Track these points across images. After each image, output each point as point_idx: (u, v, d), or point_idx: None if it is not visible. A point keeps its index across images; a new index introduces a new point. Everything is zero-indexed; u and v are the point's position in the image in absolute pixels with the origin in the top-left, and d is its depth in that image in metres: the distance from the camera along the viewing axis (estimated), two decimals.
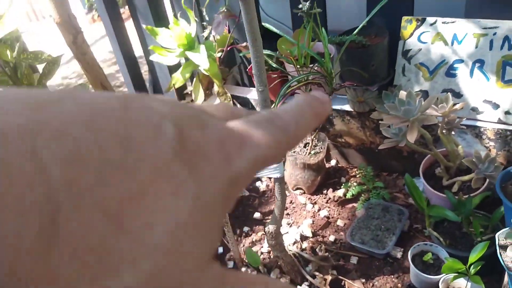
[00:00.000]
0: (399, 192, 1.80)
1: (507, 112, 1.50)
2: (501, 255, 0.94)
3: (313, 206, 1.82)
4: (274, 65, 1.68)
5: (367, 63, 1.59)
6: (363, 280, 1.48)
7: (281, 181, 1.22)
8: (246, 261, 1.55)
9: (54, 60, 1.35)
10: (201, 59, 1.84)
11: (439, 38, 1.55)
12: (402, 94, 1.42)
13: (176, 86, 1.97)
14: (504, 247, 0.97)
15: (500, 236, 0.99)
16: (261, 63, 0.94)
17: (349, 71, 1.63)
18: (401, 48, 1.63)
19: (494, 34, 1.44)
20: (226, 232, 1.44)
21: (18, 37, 1.34)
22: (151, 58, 1.98)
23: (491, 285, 1.32)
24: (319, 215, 1.77)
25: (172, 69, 2.49)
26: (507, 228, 0.97)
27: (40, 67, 1.58)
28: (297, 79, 1.56)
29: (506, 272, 0.96)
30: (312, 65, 1.60)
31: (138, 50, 2.65)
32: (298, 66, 1.60)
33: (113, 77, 5.21)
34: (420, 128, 1.40)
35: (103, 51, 4.91)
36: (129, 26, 2.55)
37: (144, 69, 2.85)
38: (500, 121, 1.53)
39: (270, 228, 1.33)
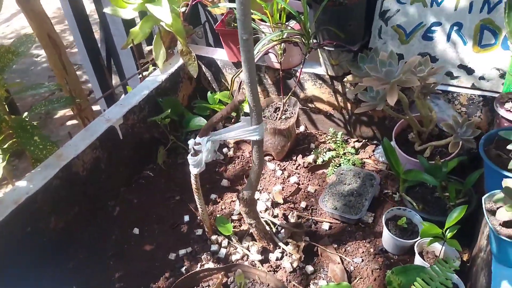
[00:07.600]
0: (369, 158, 1.78)
1: (481, 78, 1.49)
2: (488, 219, 0.93)
3: (283, 173, 1.76)
4: None
5: (344, 22, 1.52)
6: (336, 246, 1.45)
7: (259, 144, 1.13)
8: (217, 228, 1.47)
9: None
10: (164, 13, 1.67)
11: None
12: (383, 55, 1.37)
13: (136, 42, 1.79)
14: (491, 211, 0.95)
15: (486, 200, 0.98)
16: (247, 4, 0.83)
17: (325, 31, 1.55)
18: (379, 8, 1.56)
19: None
20: (197, 200, 1.34)
21: None
22: (105, 10, 1.77)
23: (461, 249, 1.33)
24: (288, 181, 1.72)
25: (128, 25, 2.27)
26: (497, 191, 0.96)
27: None
28: (272, 37, 1.46)
29: (491, 236, 0.95)
30: (287, 22, 1.49)
31: (87, 6, 2.41)
32: (273, 24, 1.49)
33: None
34: (399, 92, 1.36)
35: (52, 7, 4.48)
36: None
37: (95, 29, 2.61)
38: (473, 87, 1.52)
39: (245, 194, 1.25)
